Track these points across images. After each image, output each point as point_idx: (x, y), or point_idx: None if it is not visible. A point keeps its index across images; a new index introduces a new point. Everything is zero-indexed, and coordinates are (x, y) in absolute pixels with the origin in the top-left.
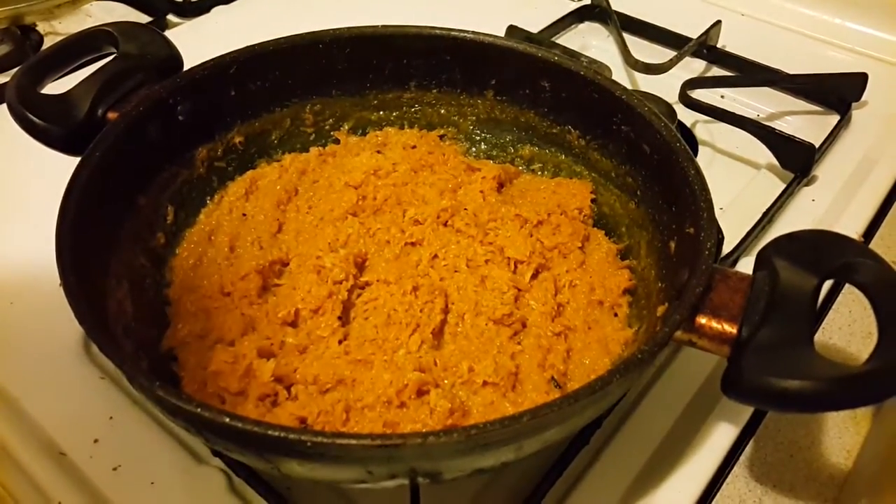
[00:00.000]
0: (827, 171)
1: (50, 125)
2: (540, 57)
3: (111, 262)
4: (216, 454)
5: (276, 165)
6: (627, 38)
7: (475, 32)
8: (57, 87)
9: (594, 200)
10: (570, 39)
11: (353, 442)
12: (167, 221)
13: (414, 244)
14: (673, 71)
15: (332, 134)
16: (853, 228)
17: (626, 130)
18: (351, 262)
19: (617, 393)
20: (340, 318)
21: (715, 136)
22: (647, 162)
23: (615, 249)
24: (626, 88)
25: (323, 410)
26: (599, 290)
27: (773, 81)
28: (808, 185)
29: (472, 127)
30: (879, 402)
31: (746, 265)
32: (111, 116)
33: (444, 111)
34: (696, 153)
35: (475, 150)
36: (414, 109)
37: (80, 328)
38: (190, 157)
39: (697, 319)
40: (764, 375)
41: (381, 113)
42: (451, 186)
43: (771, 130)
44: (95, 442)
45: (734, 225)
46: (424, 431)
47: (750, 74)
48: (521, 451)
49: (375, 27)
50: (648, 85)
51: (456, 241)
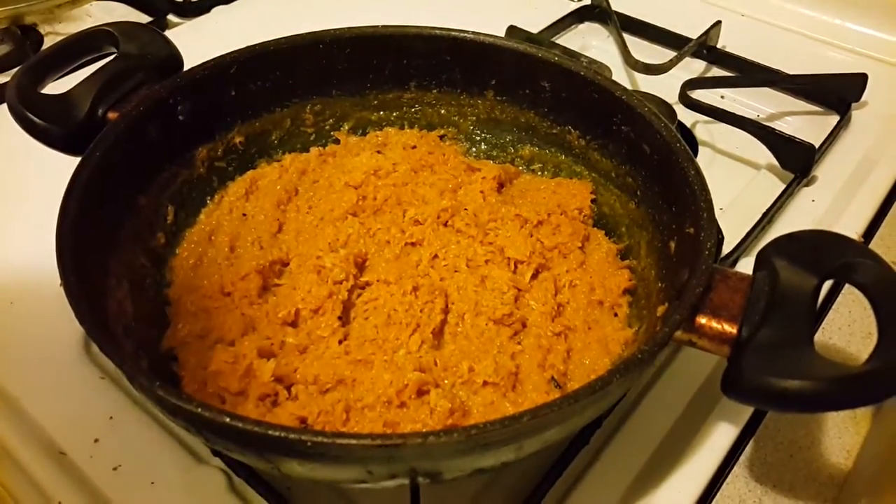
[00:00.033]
0: (827, 171)
1: (50, 125)
2: (540, 57)
3: (111, 262)
4: (216, 454)
5: (276, 165)
6: (627, 38)
7: (475, 32)
8: (57, 87)
9: (594, 200)
10: (570, 40)
11: (353, 442)
12: (167, 221)
13: (414, 244)
14: (673, 71)
15: (332, 134)
16: (853, 229)
17: (626, 131)
18: (351, 262)
19: (617, 393)
20: (340, 318)
21: (715, 136)
22: (647, 162)
23: (615, 249)
24: (626, 89)
25: (323, 410)
26: (599, 290)
27: (772, 82)
28: (807, 185)
29: (472, 127)
30: (879, 402)
31: (746, 265)
32: (111, 116)
33: (444, 111)
34: (696, 153)
35: (475, 150)
36: (414, 109)
37: (80, 328)
38: (190, 157)
39: (697, 319)
40: (764, 375)
41: (381, 113)
42: (451, 186)
43: (771, 131)
44: (95, 442)
45: (734, 225)
46: (424, 431)
47: (750, 75)
48: (521, 451)
49: (375, 27)
50: (648, 85)
51: (456, 241)
